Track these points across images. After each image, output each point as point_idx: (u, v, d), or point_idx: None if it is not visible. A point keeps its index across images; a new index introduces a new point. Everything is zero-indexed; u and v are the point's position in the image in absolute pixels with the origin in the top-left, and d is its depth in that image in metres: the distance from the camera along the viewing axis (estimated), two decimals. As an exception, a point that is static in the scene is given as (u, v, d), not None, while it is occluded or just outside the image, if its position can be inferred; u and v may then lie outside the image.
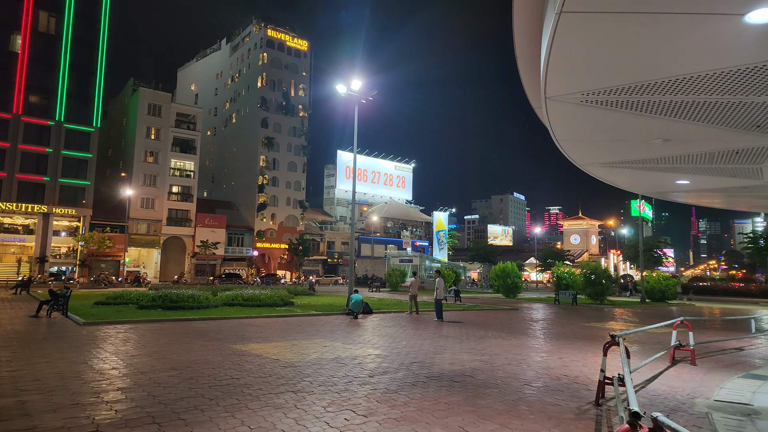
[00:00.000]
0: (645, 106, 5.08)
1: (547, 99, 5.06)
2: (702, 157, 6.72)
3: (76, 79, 52.38)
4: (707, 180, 8.28)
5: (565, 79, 4.69)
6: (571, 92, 4.87)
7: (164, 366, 8.29)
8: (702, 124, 5.48)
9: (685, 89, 4.56)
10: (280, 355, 9.59)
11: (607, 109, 5.21)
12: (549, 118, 5.73)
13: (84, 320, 14.53)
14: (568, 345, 12.28)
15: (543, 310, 25.75)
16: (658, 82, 4.46)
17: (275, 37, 74.01)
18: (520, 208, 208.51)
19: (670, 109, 5.11)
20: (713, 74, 4.22)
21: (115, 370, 7.96)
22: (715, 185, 8.75)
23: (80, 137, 52.24)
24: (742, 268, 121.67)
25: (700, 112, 5.13)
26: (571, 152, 7.28)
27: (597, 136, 6.36)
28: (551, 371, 8.75)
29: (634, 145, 6.47)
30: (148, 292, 22.30)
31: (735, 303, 39.93)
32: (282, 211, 70.83)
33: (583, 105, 5.16)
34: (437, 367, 8.76)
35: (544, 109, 5.56)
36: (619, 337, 6.48)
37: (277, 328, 14.33)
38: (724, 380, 8.54)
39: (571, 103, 5.15)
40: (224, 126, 79.77)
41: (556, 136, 6.50)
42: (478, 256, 70.82)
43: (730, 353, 11.93)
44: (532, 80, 6.00)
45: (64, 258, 51.84)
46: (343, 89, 21.31)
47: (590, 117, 5.58)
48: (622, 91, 4.74)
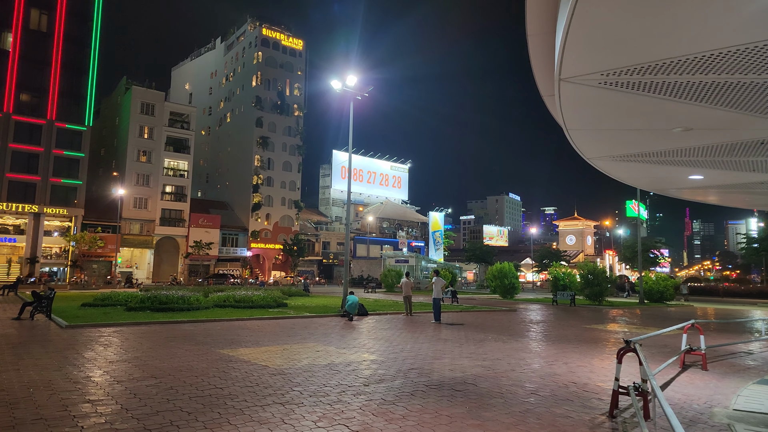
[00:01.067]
0: (671, 88, 4.58)
1: (562, 81, 4.55)
2: (723, 149, 6.24)
3: (68, 77, 51.53)
4: (723, 175, 7.81)
5: (585, 57, 4.18)
6: (590, 72, 4.37)
7: (143, 374, 7.72)
8: (729, 110, 5.00)
9: (719, 67, 4.07)
10: (270, 361, 9.03)
11: (628, 92, 4.71)
12: (561, 104, 5.23)
13: (67, 323, 13.93)
14: (572, 349, 11.79)
15: (541, 311, 25.30)
16: (690, 58, 3.96)
17: (270, 36, 73.38)
18: (516, 209, 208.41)
19: (698, 92, 4.61)
20: (753, 47, 3.72)
21: (90, 379, 7.38)
22: (731, 180, 8.27)
23: (72, 136, 51.36)
24: (735, 269, 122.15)
25: (730, 95, 4.64)
26: (582, 144, 6.78)
27: (613, 125, 5.86)
28: (558, 378, 8.24)
29: (653, 135, 5.97)
30: (137, 294, 21.74)
31: (732, 304, 39.68)
32: (277, 211, 70.19)
33: (602, 88, 4.66)
34: (437, 374, 8.24)
35: (556, 94, 5.06)
36: (635, 343, 5.98)
37: (269, 331, 13.78)
38: (739, 387, 8.08)
39: (588, 86, 4.65)
40: (219, 125, 79.05)
41: (567, 126, 6.00)
42: (474, 256, 70.48)
43: (741, 357, 11.48)
44: (544, 61, 5.49)
45: (55, 258, 51.00)
46: (338, 85, 20.78)
47: (608, 102, 5.09)
48: (648, 70, 4.24)
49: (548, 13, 4.63)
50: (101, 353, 9.65)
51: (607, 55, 4.09)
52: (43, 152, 49.57)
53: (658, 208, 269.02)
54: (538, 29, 4.88)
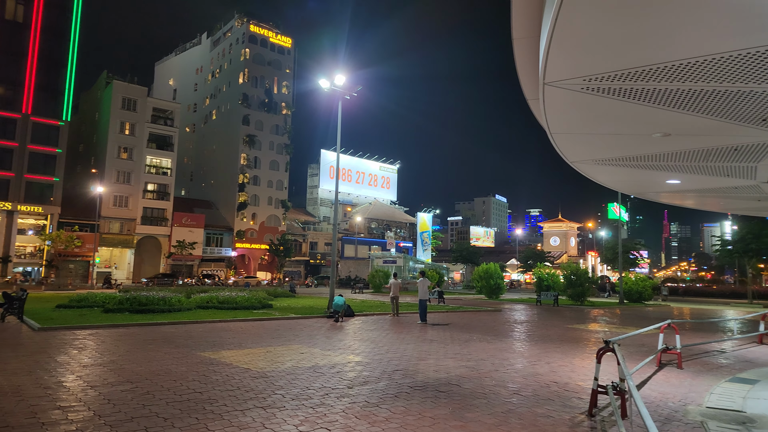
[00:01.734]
0: (650, 95, 4.64)
1: (546, 85, 4.58)
2: (700, 154, 6.35)
3: (44, 69, 50.29)
4: (699, 179, 7.95)
5: (568, 61, 4.21)
6: (573, 77, 4.40)
7: (119, 378, 7.57)
8: (706, 117, 5.08)
9: (697, 75, 4.13)
10: (252, 364, 8.94)
11: (610, 97, 4.76)
12: (545, 108, 5.25)
13: (40, 325, 13.58)
14: (554, 348, 11.90)
15: (525, 311, 25.51)
16: (669, 65, 4.01)
17: (258, 33, 72.74)
18: (502, 210, 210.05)
19: (677, 99, 4.68)
20: (729, 57, 3.78)
21: (62, 384, 7.19)
22: (706, 185, 8.42)
23: (48, 131, 50.17)
24: (710, 270, 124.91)
25: (707, 103, 4.71)
26: (565, 147, 6.84)
27: (594, 130, 5.92)
28: (540, 378, 8.30)
29: (633, 140, 6.05)
30: (115, 295, 21.32)
31: (707, 303, 40.52)
32: (263, 210, 69.62)
33: (584, 93, 4.70)
34: (421, 375, 8.23)
35: (540, 99, 5.09)
36: (614, 344, 6.05)
37: (253, 333, 13.66)
38: (713, 385, 8.24)
39: (571, 91, 4.68)
40: (204, 122, 78.11)
41: (551, 130, 6.04)
42: (461, 257, 70.79)
43: (714, 356, 11.71)
44: (529, 66, 5.51)
45: (29, 258, 49.80)
46: (327, 84, 20.68)
47: (590, 107, 5.13)
48: (629, 77, 4.28)
49: (533, 17, 4.65)
50: (75, 357, 9.45)
51: (590, 60, 4.12)
52: (18, 147, 48.31)
53: (638, 211, 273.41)
54: (523, 33, 4.90)
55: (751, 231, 44.44)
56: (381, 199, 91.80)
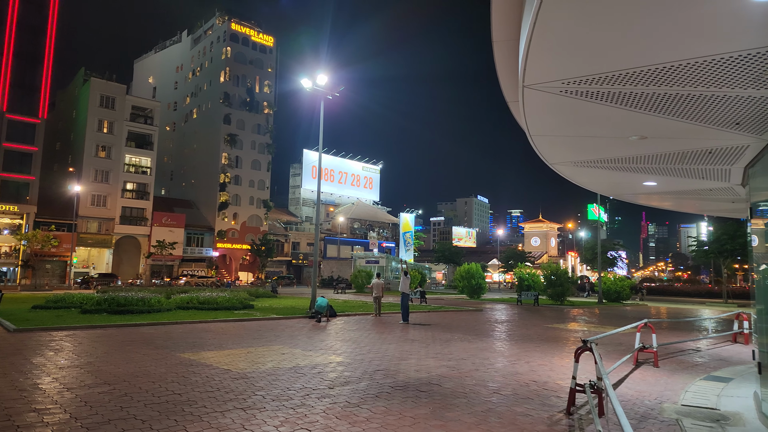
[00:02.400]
0: (628, 99, 4.74)
1: (525, 88, 4.64)
2: (675, 157, 6.50)
3: (20, 66, 49.19)
4: (675, 181, 8.13)
5: (547, 65, 4.27)
6: (552, 80, 4.47)
7: (96, 380, 7.43)
8: (681, 120, 5.21)
9: (673, 79, 4.23)
10: (233, 365, 8.86)
11: (588, 100, 4.84)
12: (525, 110, 5.32)
13: (15, 326, 13.27)
14: (533, 348, 12.05)
15: (506, 311, 25.77)
16: (646, 70, 4.11)
17: (239, 32, 72.09)
18: (484, 211, 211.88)
19: (654, 102, 4.79)
20: (704, 62, 3.89)
21: (38, 386, 7.04)
22: (682, 187, 8.62)
23: (24, 129, 49.07)
24: (687, 270, 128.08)
25: (682, 106, 4.83)
26: (544, 149, 6.94)
27: (573, 132, 6.01)
28: (519, 377, 8.40)
29: (610, 142, 6.16)
30: (93, 295, 20.94)
31: (684, 303, 41.40)
32: (245, 210, 69.01)
33: (563, 96, 4.78)
34: (402, 375, 8.26)
35: (520, 101, 5.15)
36: (592, 343, 6.17)
37: (233, 334, 13.53)
38: (688, 383, 8.43)
39: (550, 93, 4.75)
40: (184, 121, 77.09)
41: (531, 132, 6.12)
42: (444, 257, 71.18)
43: (689, 354, 11.98)
44: (509, 68, 5.59)
45: (4, 258, 48.60)
46: (309, 84, 20.60)
47: (569, 110, 5.22)
48: (606, 80, 4.37)
49: (513, 20, 4.71)
50: (51, 359, 9.25)
51: (568, 63, 4.19)
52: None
53: (617, 212, 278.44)
54: (503, 36, 4.96)
55: (726, 232, 45.56)
56: (364, 200, 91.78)
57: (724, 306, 37.12)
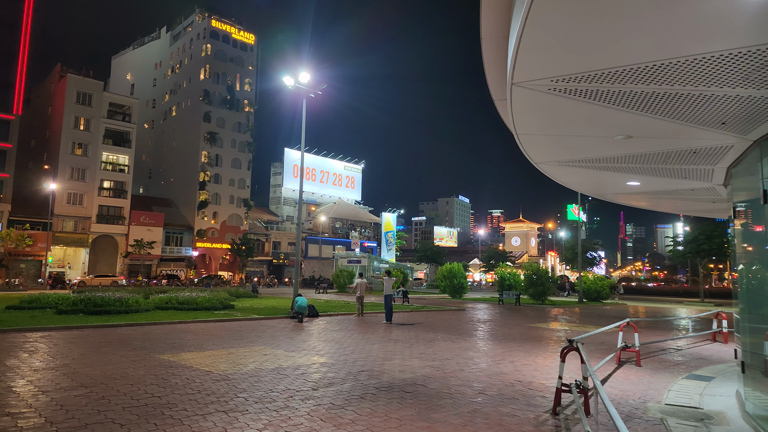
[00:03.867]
0: (616, 97, 4.74)
1: (514, 86, 4.60)
2: (660, 157, 6.56)
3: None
4: (658, 181, 8.23)
5: (537, 62, 4.24)
6: (541, 78, 4.44)
7: (72, 383, 7.18)
8: (668, 120, 5.24)
9: (662, 77, 4.24)
10: (214, 366, 8.67)
11: (575, 99, 4.83)
12: (512, 109, 5.29)
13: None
14: (517, 347, 12.09)
15: (488, 310, 25.90)
16: (635, 67, 4.11)
17: (220, 29, 71.18)
18: (465, 211, 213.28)
19: (641, 101, 4.80)
20: (693, 60, 3.90)
21: (11, 389, 6.77)
22: (664, 187, 8.73)
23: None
24: (663, 269, 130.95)
25: (670, 105, 4.85)
26: (530, 148, 6.93)
27: (560, 131, 6.01)
28: (504, 377, 8.39)
29: (596, 141, 6.18)
30: (68, 295, 20.43)
31: (662, 302, 42.20)
32: (225, 209, 68.15)
33: (552, 94, 4.75)
34: (387, 376, 8.18)
35: (508, 99, 5.12)
36: (577, 342, 6.17)
37: (214, 335, 13.29)
38: (670, 382, 8.53)
39: (538, 91, 4.72)
40: (163, 119, 75.79)
41: (517, 131, 6.11)
42: (425, 256, 71.40)
43: (670, 353, 12.17)
44: (497, 65, 5.55)
45: (-24, 257, 47.18)
46: (291, 82, 20.36)
47: (556, 108, 5.20)
48: (595, 78, 4.36)
49: (503, 17, 4.67)
50: (26, 360, 8.94)
51: (558, 61, 4.16)
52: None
53: (596, 212, 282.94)
54: (492, 32, 4.92)
55: (703, 232, 46.61)
56: (346, 199, 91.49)
57: (701, 305, 37.91)
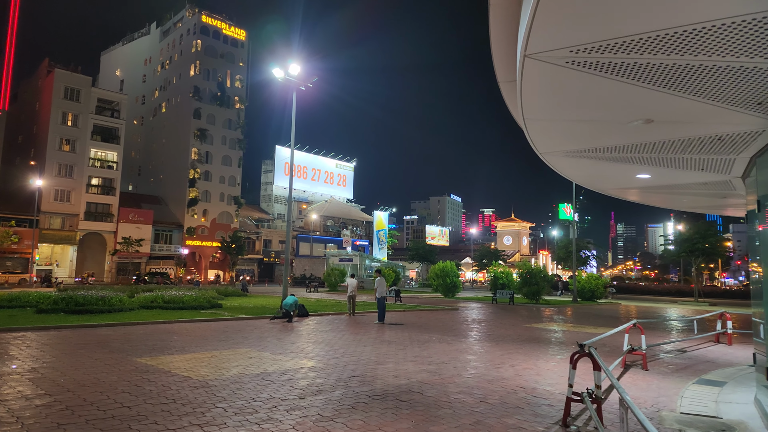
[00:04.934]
0: (644, 71, 4.19)
1: (527, 58, 4.05)
2: (679, 145, 6.05)
3: (-23, 54, 46.68)
4: (671, 174, 7.74)
5: (556, 28, 3.70)
6: (560, 47, 3.89)
7: (36, 391, 6.55)
8: (697, 99, 4.71)
9: (702, 45, 3.70)
10: (194, 371, 8.06)
11: (595, 74, 4.29)
12: (522, 88, 4.74)
13: (-45, 329, 12.12)
14: (515, 349, 11.57)
15: (482, 309, 25.42)
16: (672, 33, 3.57)
17: (210, 24, 70.14)
18: (457, 210, 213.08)
19: (674, 75, 4.26)
20: (743, 22, 3.34)
21: (-34, 398, 6.14)
22: (675, 180, 8.25)
23: (-18, 120, 46.58)
24: (654, 269, 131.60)
25: (704, 81, 4.33)
26: (537, 136, 6.40)
27: (572, 116, 5.49)
28: (506, 383, 7.85)
29: (612, 128, 5.66)
30: (50, 294, 19.72)
31: (655, 301, 42.03)
32: (215, 207, 67.18)
33: (569, 68, 4.21)
34: (380, 382, 7.61)
35: (518, 77, 4.57)
36: (590, 347, 5.65)
37: (198, 335, 12.65)
38: (681, 387, 8.05)
39: (554, 65, 4.18)
40: (153, 115, 74.61)
41: (525, 115, 5.56)
42: (418, 255, 70.92)
43: (675, 355, 11.72)
44: (506, 37, 4.98)
45: (-40, 255, 46.03)
46: (281, 74, 19.72)
47: (571, 87, 4.67)
48: (619, 48, 3.83)
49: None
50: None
51: (581, 27, 3.62)
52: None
53: (587, 211, 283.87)
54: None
55: (698, 231, 46.53)
56: (337, 197, 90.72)
57: (695, 305, 37.72)
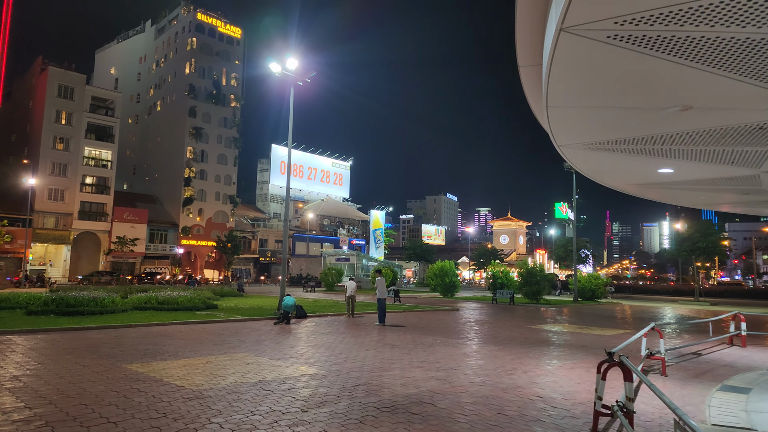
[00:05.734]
0: (692, 46, 3.71)
1: (563, 32, 3.58)
2: (715, 135, 5.59)
3: (-32, 51, 45.84)
4: (697, 168, 7.28)
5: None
6: (604, 17, 3.41)
7: (14, 404, 6.01)
8: (744, 80, 4.23)
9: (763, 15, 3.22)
10: (187, 380, 7.54)
11: (638, 51, 3.82)
12: (551, 69, 4.26)
13: (-64, 333, 11.56)
14: (525, 353, 11.10)
15: (483, 310, 24.97)
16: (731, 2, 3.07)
17: (206, 22, 69.43)
18: (453, 209, 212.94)
19: (723, 50, 3.77)
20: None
21: (-64, 413, 5.61)
22: (701, 175, 7.80)
23: (-26, 118, 45.80)
24: (650, 268, 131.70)
25: (754, 57, 3.82)
26: (558, 126, 5.93)
27: (602, 102, 5.02)
28: (521, 391, 7.38)
29: (644, 116, 5.20)
30: (40, 294, 19.13)
31: (655, 301, 41.63)
32: (210, 206, 66.52)
33: (610, 43, 3.73)
34: (387, 391, 7.11)
35: (546, 57, 4.09)
36: (621, 356, 5.18)
37: (193, 339, 12.13)
38: (705, 395, 7.61)
39: (593, 41, 3.71)
40: (148, 114, 73.84)
41: (549, 102, 5.09)
42: (415, 254, 70.48)
43: (690, 359, 11.27)
44: (533, 12, 4.48)
45: (-49, 254, 45.25)
46: (278, 68, 19.20)
47: (609, 67, 4.20)
48: (675, 18, 3.33)
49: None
50: (-32, 374, 7.73)
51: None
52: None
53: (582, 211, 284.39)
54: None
55: (698, 230, 46.24)
56: (334, 196, 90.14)
57: (696, 304, 37.38)
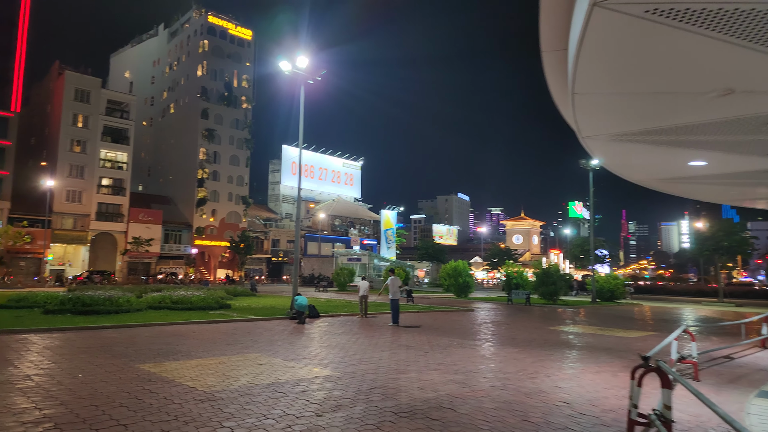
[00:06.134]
0: (739, 19, 3.37)
1: (596, 6, 3.29)
2: (757, 121, 5.23)
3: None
4: (731, 160, 6.89)
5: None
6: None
7: (26, 404, 5.85)
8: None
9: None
10: (199, 381, 7.35)
11: (680, 27, 3.52)
12: (580, 52, 3.97)
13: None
14: (546, 356, 10.74)
15: (499, 311, 24.56)
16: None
17: (217, 24, 69.91)
18: (464, 209, 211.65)
19: None
20: None
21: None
22: (733, 168, 7.40)
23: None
24: (669, 268, 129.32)
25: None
26: (584, 115, 5.61)
27: (635, 87, 4.70)
28: (546, 397, 7.04)
29: (681, 101, 4.87)
30: (57, 294, 19.30)
31: (677, 302, 40.64)
32: (223, 207, 66.91)
33: (647, 19, 3.44)
34: (405, 395, 6.84)
35: (578, 34, 3.79)
36: (657, 360, 4.86)
37: (206, 338, 11.99)
38: (742, 401, 7.21)
39: (630, 16, 3.42)
40: (162, 116, 74.58)
41: (576, 88, 4.80)
42: (427, 254, 70.15)
43: (722, 363, 10.78)
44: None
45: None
46: (288, 67, 19.05)
47: (645, 46, 3.90)
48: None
49: None
50: (-20, 374, 7.64)
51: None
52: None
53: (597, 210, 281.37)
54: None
55: (722, 229, 45.08)
56: (344, 196, 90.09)
57: (721, 305, 36.42)
